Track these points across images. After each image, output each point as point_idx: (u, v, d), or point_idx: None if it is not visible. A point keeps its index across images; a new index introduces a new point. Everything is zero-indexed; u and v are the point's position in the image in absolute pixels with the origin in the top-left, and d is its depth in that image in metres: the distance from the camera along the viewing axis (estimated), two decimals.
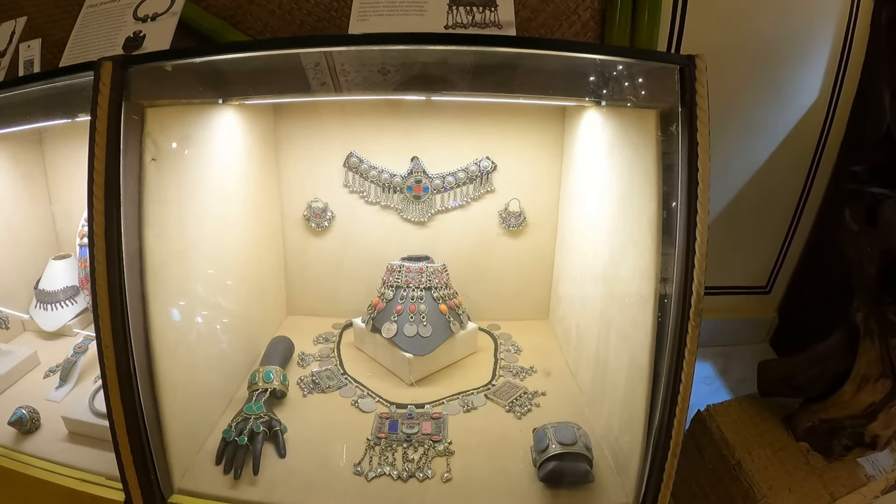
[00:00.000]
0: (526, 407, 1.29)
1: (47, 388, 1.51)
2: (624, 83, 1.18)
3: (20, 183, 1.72)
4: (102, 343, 1.03)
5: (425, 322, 1.32)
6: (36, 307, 1.71)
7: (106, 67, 0.99)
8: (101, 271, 0.99)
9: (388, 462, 1.14)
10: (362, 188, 1.49)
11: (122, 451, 1.06)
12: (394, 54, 1.12)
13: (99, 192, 0.99)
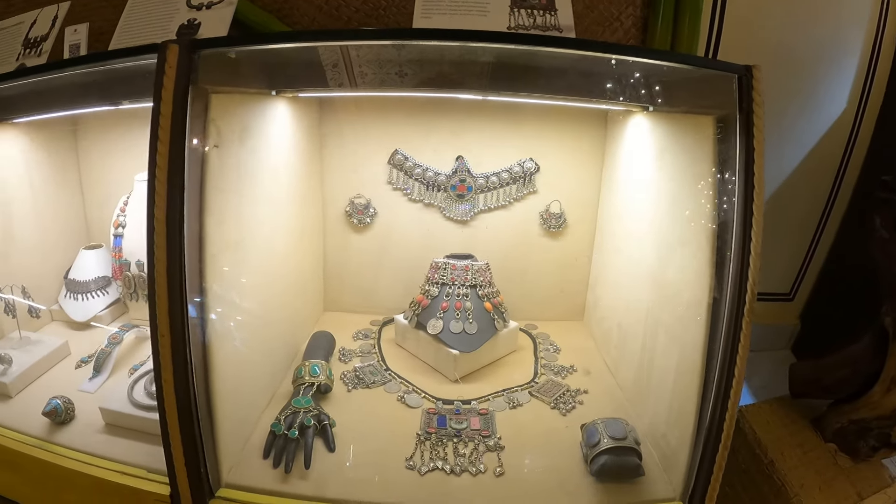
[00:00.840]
0: (570, 404, 1.35)
1: (79, 379, 1.53)
2: (678, 89, 1.25)
3: (53, 172, 1.74)
4: (158, 332, 1.05)
5: (471, 319, 1.38)
6: (66, 297, 1.72)
7: (172, 50, 1.01)
8: (161, 257, 1.02)
9: (439, 457, 1.18)
10: (406, 185, 1.55)
11: (172, 443, 1.08)
12: (454, 52, 1.17)
13: (162, 175, 1.01)
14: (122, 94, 1.44)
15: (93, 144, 1.77)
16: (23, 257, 1.69)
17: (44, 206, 1.73)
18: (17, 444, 1.35)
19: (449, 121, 1.53)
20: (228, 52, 1.11)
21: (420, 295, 1.45)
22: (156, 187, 1.03)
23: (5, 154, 1.64)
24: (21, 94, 1.50)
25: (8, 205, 1.64)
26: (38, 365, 1.54)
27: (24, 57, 1.55)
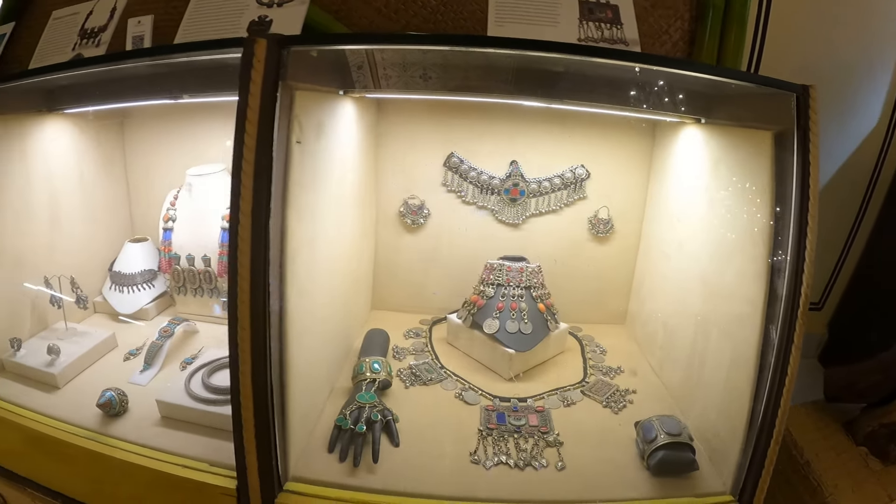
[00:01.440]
0: (620, 403, 1.43)
1: (127, 371, 1.58)
2: (734, 104, 1.34)
3: (101, 164, 1.78)
4: (239, 325, 1.09)
5: (526, 320, 1.45)
6: (110, 289, 1.75)
7: (260, 45, 1.05)
8: (245, 250, 1.06)
9: (502, 451, 1.26)
10: (460, 188, 1.62)
11: (245, 436, 1.13)
12: (521, 60, 1.25)
13: (249, 169, 1.05)
14: (184, 88, 1.49)
15: (139, 138, 1.82)
16: (68, 248, 1.73)
17: (91, 197, 1.78)
18: (69, 436, 1.39)
19: (504, 126, 1.61)
20: (311, 50, 1.16)
21: (475, 295, 1.52)
22: (242, 181, 1.07)
23: (56, 145, 1.68)
24: (78, 84, 1.54)
25: (56, 195, 1.68)
26: (85, 356, 1.59)
27: (80, 47, 1.59)
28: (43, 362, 1.55)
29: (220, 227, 1.65)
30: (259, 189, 1.07)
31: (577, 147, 1.64)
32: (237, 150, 1.09)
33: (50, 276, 1.64)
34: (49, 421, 1.44)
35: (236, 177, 1.09)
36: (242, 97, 1.08)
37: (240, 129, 1.09)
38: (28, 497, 1.55)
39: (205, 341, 1.67)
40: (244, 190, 1.07)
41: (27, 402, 1.51)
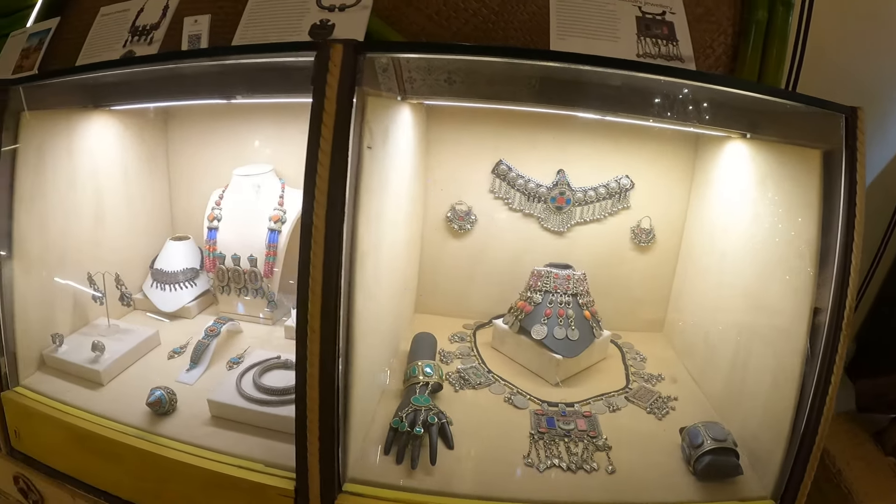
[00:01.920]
0: (664, 409, 1.51)
1: (171, 369, 1.63)
2: (782, 121, 1.42)
3: (144, 161, 1.82)
4: (309, 327, 1.14)
5: (573, 326, 1.52)
6: (152, 286, 1.79)
7: (336, 50, 1.11)
8: (318, 253, 1.12)
9: (554, 455, 1.33)
10: (507, 195, 1.69)
11: (310, 438, 1.18)
12: (579, 73, 1.31)
13: (324, 173, 1.10)
14: (239, 89, 1.53)
15: (182, 135, 1.86)
16: (111, 244, 1.77)
17: (133, 194, 1.82)
18: (116, 434, 1.44)
19: (552, 135, 1.68)
20: (380, 57, 1.20)
21: (522, 301, 1.59)
22: (317, 184, 1.11)
23: (102, 141, 1.72)
24: (129, 81, 1.58)
25: (101, 191, 1.72)
26: (129, 354, 1.63)
27: (131, 44, 1.63)
28: (87, 359, 1.59)
29: (268, 227, 1.69)
30: (334, 194, 1.12)
31: (621, 157, 1.71)
32: (311, 154, 1.13)
33: (94, 273, 1.67)
34: (94, 418, 1.49)
35: (310, 181, 1.14)
36: (317, 102, 1.13)
37: (314, 134, 1.14)
38: (68, 494, 1.59)
39: (249, 341, 1.72)
40: (319, 194, 1.12)
41: (70, 398, 1.55)
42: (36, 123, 1.62)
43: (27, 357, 1.65)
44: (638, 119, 1.52)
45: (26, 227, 1.61)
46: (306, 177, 1.13)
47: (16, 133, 1.59)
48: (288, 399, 1.39)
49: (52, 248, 1.67)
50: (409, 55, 1.21)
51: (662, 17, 1.48)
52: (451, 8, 1.70)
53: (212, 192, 1.86)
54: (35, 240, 1.63)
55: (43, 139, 1.62)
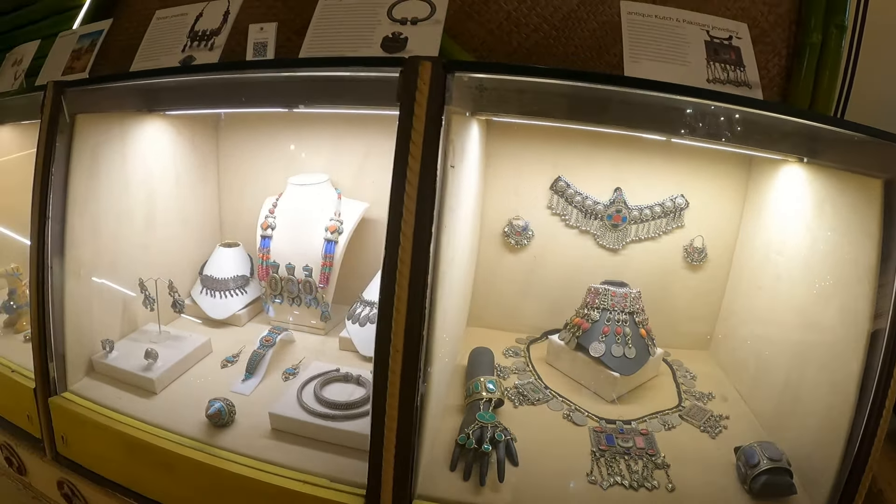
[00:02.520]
0: (717, 428, 1.59)
1: (224, 378, 1.67)
2: (842, 148, 1.49)
3: (195, 166, 1.86)
4: (392, 346, 1.20)
5: (630, 344, 1.59)
6: (201, 293, 1.82)
7: (425, 67, 1.16)
8: (405, 272, 1.18)
9: (616, 472, 1.39)
10: (565, 212, 1.76)
11: (385, 455, 1.24)
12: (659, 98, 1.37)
13: (412, 192, 1.16)
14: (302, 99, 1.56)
15: (233, 141, 1.89)
16: (161, 249, 1.81)
17: (184, 199, 1.86)
18: (172, 445, 1.49)
19: (609, 152, 1.74)
20: (464, 76, 1.24)
21: (579, 318, 1.66)
22: (405, 203, 1.16)
23: (155, 145, 1.75)
24: (187, 87, 1.61)
25: (153, 196, 1.75)
26: (182, 362, 1.68)
27: (191, 49, 1.66)
28: (139, 366, 1.63)
29: (324, 238, 1.74)
30: (422, 214, 1.17)
31: (676, 176, 1.79)
32: (399, 171, 1.18)
33: (146, 279, 1.71)
34: (147, 427, 1.54)
35: (397, 199, 1.18)
36: (405, 119, 1.18)
37: (402, 152, 1.18)
38: (116, 503, 1.62)
39: (303, 352, 1.77)
40: (407, 213, 1.17)
41: (121, 405, 1.59)
42: (90, 126, 1.65)
43: (76, 362, 1.68)
44: (701, 142, 1.59)
45: (79, 230, 1.65)
46: (393, 196, 1.17)
47: (70, 135, 1.62)
48: (352, 414, 1.44)
49: (103, 252, 1.70)
50: (497, 76, 1.25)
51: (729, 42, 1.55)
52: (513, 23, 1.76)
53: (262, 199, 1.89)
54: (87, 244, 1.67)
55: (97, 142, 1.66)
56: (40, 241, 1.62)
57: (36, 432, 1.70)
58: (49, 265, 1.62)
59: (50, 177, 1.61)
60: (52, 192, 1.61)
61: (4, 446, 1.79)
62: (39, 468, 1.75)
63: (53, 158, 1.61)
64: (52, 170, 1.61)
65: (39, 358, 1.64)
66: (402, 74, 1.20)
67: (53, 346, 1.63)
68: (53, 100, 1.62)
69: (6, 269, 1.93)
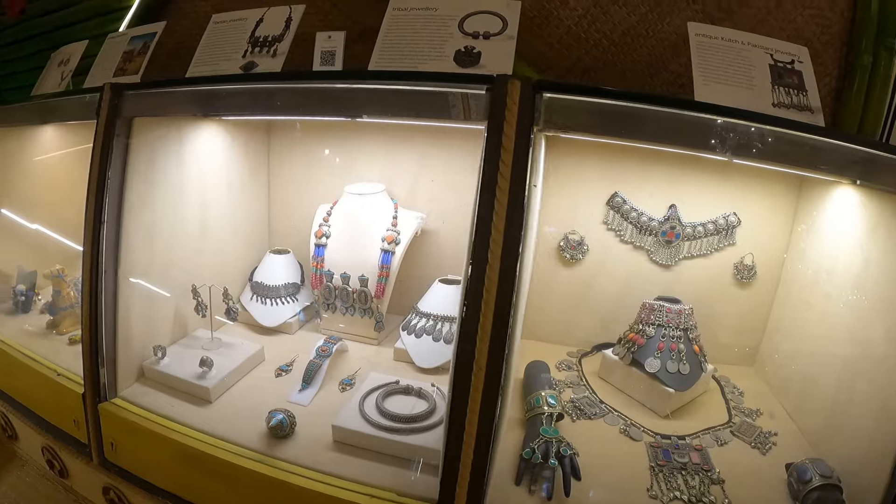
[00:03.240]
0: (767, 444, 1.67)
1: (278, 387, 1.73)
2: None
3: (246, 172, 1.90)
4: (476, 363, 1.26)
5: (684, 360, 1.67)
6: (252, 300, 1.87)
7: (514, 86, 1.21)
8: (492, 290, 1.25)
9: (675, 487, 1.48)
10: (620, 227, 1.84)
11: (462, 472, 1.32)
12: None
13: (502, 212, 1.22)
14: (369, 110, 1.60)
15: (284, 148, 1.94)
16: (212, 255, 1.85)
17: (236, 204, 1.90)
18: (231, 456, 1.54)
19: (663, 169, 1.81)
20: (555, 98, 1.30)
21: (633, 333, 1.74)
22: (493, 223, 1.22)
23: (210, 150, 1.80)
24: (248, 93, 1.66)
25: (206, 201, 1.80)
26: (236, 370, 1.71)
27: (252, 55, 1.71)
28: (193, 374, 1.68)
29: (381, 248, 1.80)
30: (510, 232, 1.23)
31: (728, 193, 1.87)
32: (487, 190, 1.23)
33: (199, 285, 1.75)
34: (203, 436, 1.59)
35: (486, 218, 1.24)
36: (494, 138, 1.24)
37: (491, 171, 1.24)
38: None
39: (357, 362, 1.83)
40: (496, 233, 1.24)
41: (175, 413, 1.64)
42: (147, 130, 1.70)
43: (127, 368, 1.74)
44: (761, 163, 1.67)
45: (133, 236, 1.70)
46: (481, 213, 1.22)
47: (127, 140, 1.66)
48: (417, 427, 1.50)
49: (157, 258, 1.75)
50: (584, 98, 1.31)
51: (792, 66, 1.63)
52: (573, 38, 1.83)
53: (311, 206, 1.95)
54: (141, 250, 1.72)
55: (154, 147, 1.70)
56: (94, 245, 1.66)
57: (83, 437, 1.75)
58: (103, 269, 1.66)
59: (106, 180, 1.65)
60: (108, 195, 1.66)
61: (47, 449, 1.84)
62: (83, 472, 1.80)
63: (110, 162, 1.65)
64: (109, 174, 1.65)
65: (90, 363, 1.68)
66: (489, 92, 1.26)
67: (105, 351, 1.68)
68: (111, 102, 1.66)
69: (50, 270, 1.96)
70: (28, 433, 1.90)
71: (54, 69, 1.99)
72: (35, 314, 2.14)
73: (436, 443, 1.50)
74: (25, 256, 2.15)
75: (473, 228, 1.26)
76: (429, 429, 1.53)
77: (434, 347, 1.84)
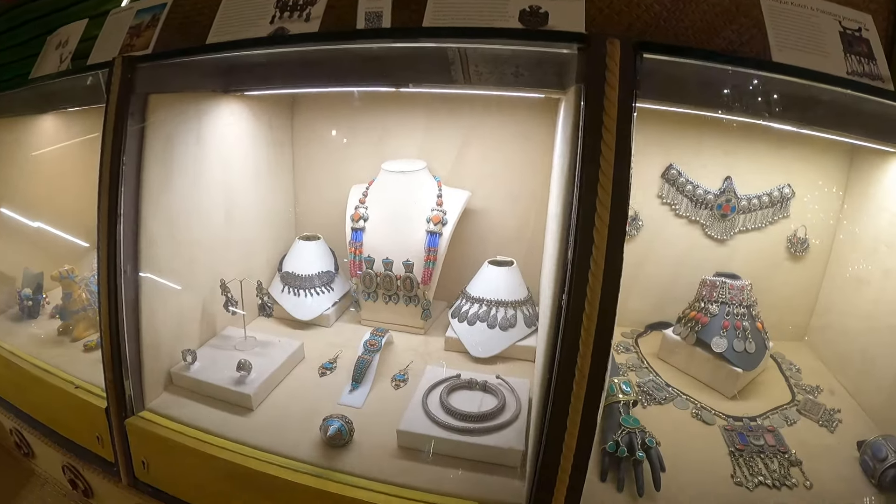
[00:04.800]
0: (833, 422, 1.56)
1: (324, 388, 1.53)
2: None
3: (271, 152, 1.67)
4: (580, 356, 1.08)
5: (750, 338, 1.55)
6: (283, 291, 1.66)
7: (613, 46, 1.04)
8: (598, 274, 1.06)
9: (757, 472, 1.35)
10: (675, 201, 1.69)
11: (560, 476, 1.13)
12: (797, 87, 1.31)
13: (607, 184, 1.06)
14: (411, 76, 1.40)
15: (308, 124, 1.72)
16: (239, 245, 1.62)
17: (262, 189, 1.67)
18: (283, 471, 1.34)
19: (718, 140, 1.67)
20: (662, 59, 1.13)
21: (696, 312, 1.60)
22: (599, 199, 1.05)
23: (231, 128, 1.56)
24: (276, 63, 1.44)
25: (230, 186, 1.57)
26: (277, 372, 1.52)
27: (281, 20, 1.49)
28: (230, 379, 1.48)
29: (427, 230, 1.60)
30: (618, 210, 1.06)
31: (781, 164, 1.74)
32: (590, 161, 1.05)
33: (229, 280, 1.54)
34: (250, 451, 1.39)
35: (590, 191, 1.06)
36: (594, 104, 1.05)
37: (593, 138, 1.05)
38: None
39: (406, 354, 1.64)
40: (601, 209, 1.06)
41: (213, 425, 1.43)
42: (163, 108, 1.46)
43: (154, 376, 1.52)
44: (817, 130, 1.54)
45: (154, 226, 1.47)
46: (585, 188, 1.04)
47: (143, 118, 1.42)
48: (490, 427, 1.34)
49: (180, 251, 1.52)
50: (685, 60, 1.15)
51: (860, 34, 1.50)
52: (624, 2, 1.65)
53: (340, 188, 1.72)
54: (163, 242, 1.48)
55: (173, 127, 1.47)
56: (111, 239, 1.43)
57: (108, 455, 1.52)
58: (122, 267, 1.43)
59: (121, 166, 1.41)
60: (124, 182, 1.42)
61: (68, 468, 1.60)
62: (111, 493, 1.57)
63: (125, 145, 1.41)
64: (124, 158, 1.41)
65: (113, 374, 1.45)
66: (582, 53, 1.08)
67: (128, 359, 1.45)
68: (123, 77, 1.42)
69: (59, 270, 1.70)
70: (46, 451, 1.65)
71: (51, 52, 1.71)
72: (44, 319, 1.89)
73: (511, 442, 1.34)
74: (30, 257, 1.87)
75: (569, 206, 1.09)
76: (502, 427, 1.36)
77: (490, 335, 1.66)
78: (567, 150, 1.15)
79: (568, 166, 1.09)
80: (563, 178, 1.17)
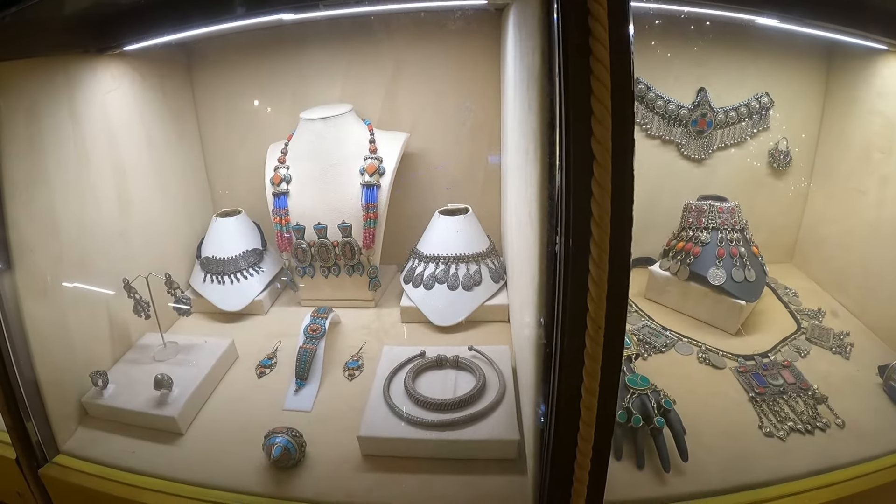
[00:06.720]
0: (847, 346, 1.28)
1: (267, 392, 1.16)
2: None
3: (170, 119, 1.26)
4: (587, 354, 0.72)
5: (749, 266, 1.24)
6: (205, 281, 1.27)
7: None
8: (604, 217, 0.69)
9: (785, 418, 1.06)
10: (645, 119, 1.36)
11: (579, 459, 0.78)
12: None
13: (605, 118, 0.61)
14: None
15: (210, 82, 1.31)
16: (143, 234, 1.23)
17: (161, 164, 1.27)
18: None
19: (688, 49, 1.34)
20: None
21: (686, 242, 1.29)
22: (596, 158, 0.64)
23: (115, 97, 1.15)
24: None
25: (121, 165, 1.17)
26: (206, 382, 1.13)
27: None
28: (150, 401, 1.09)
29: (361, 183, 1.22)
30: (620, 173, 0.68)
31: (756, 72, 1.42)
32: (579, 117, 0.66)
33: (132, 278, 1.14)
34: (183, 488, 1.01)
35: (581, 152, 0.66)
36: None
37: (581, 86, 0.65)
38: None
39: (356, 334, 1.27)
40: (600, 170, 0.67)
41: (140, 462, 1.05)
42: (20, 79, 1.04)
43: (62, 411, 1.11)
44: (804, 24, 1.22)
45: (27, 227, 1.06)
46: (570, 147, 0.66)
47: None
48: (474, 414, 0.99)
49: (67, 252, 1.11)
50: None
51: None
52: None
53: (259, 149, 1.32)
54: (44, 246, 1.08)
55: (34, 100, 1.05)
56: None
57: None
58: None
59: None
60: None
61: None
62: None
63: None
64: None
65: (12, 420, 1.05)
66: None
67: (26, 398, 1.05)
68: None
69: None
70: None
71: None
72: None
73: (502, 429, 0.99)
74: None
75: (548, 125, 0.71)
76: (488, 412, 1.01)
77: (452, 298, 1.30)
78: (529, 66, 0.79)
79: (536, 83, 0.72)
80: (524, 101, 0.81)
